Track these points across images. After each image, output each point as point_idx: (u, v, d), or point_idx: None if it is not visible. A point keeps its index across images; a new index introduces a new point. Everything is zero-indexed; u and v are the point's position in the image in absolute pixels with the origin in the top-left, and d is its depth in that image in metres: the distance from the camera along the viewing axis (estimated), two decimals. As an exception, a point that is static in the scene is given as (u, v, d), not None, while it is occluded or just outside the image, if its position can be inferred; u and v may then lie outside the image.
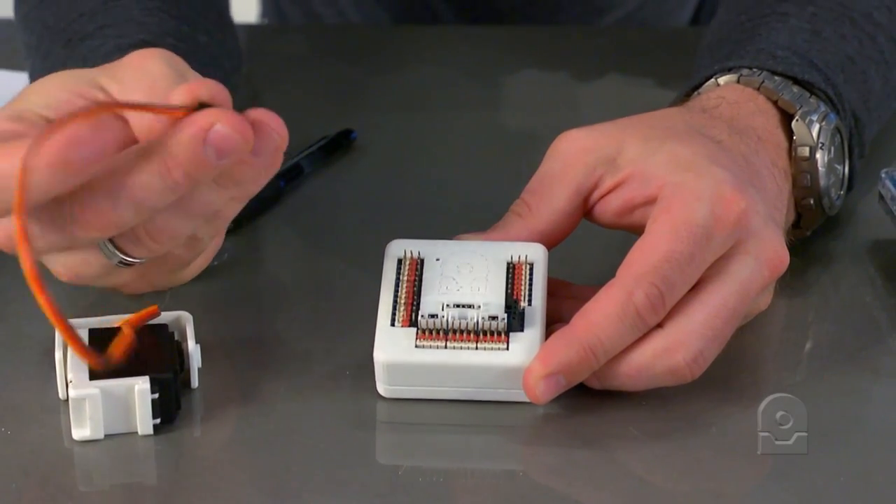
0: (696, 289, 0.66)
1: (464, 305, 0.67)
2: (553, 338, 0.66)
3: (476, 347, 0.66)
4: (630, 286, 0.65)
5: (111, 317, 0.68)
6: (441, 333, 0.67)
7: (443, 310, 0.67)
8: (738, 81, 0.78)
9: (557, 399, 0.66)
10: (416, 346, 0.66)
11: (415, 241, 0.70)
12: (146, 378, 0.65)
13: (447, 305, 0.67)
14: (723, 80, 0.78)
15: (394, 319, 0.67)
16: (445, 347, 0.66)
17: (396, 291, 0.68)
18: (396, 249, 0.70)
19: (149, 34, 0.81)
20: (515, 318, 0.67)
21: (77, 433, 0.65)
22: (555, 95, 0.99)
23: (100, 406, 0.65)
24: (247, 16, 1.26)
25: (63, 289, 0.71)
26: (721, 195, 0.67)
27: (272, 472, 0.64)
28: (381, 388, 0.68)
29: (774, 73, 0.78)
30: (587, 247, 0.75)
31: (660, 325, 0.66)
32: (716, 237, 0.66)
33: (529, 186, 0.72)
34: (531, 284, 0.68)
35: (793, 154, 0.76)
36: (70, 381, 0.65)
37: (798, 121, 0.76)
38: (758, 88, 0.77)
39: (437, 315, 0.67)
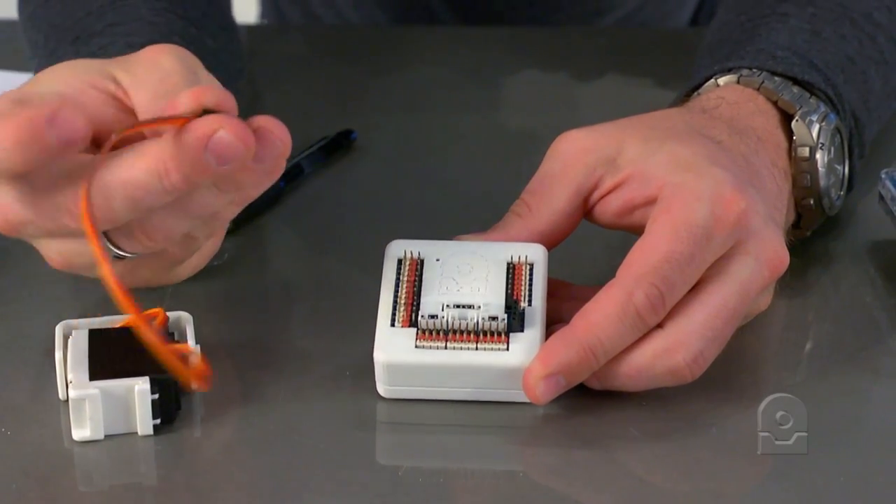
0: (696, 289, 0.66)
1: (464, 306, 0.67)
2: (553, 338, 0.66)
3: (476, 348, 0.66)
4: (630, 286, 0.65)
5: (112, 317, 0.68)
6: (441, 334, 0.66)
7: (443, 310, 0.67)
8: (738, 82, 0.78)
9: (557, 399, 0.66)
10: (416, 347, 0.66)
11: (415, 242, 0.70)
12: (146, 378, 0.65)
13: (447, 306, 0.67)
14: (723, 81, 0.78)
15: (394, 320, 0.67)
16: (445, 348, 0.66)
17: (396, 292, 0.68)
18: (396, 250, 0.70)
19: (158, 34, 0.81)
20: (515, 319, 0.67)
21: (77, 433, 0.65)
22: (555, 96, 0.99)
23: (100, 406, 0.65)
24: (246, 16, 1.26)
25: (65, 289, 0.71)
26: (721, 195, 0.67)
27: (272, 473, 0.64)
28: (382, 389, 0.68)
29: (774, 74, 0.78)
30: (587, 247, 0.75)
31: (660, 326, 0.66)
32: (716, 237, 0.66)
33: (529, 187, 0.72)
34: (531, 285, 0.68)
35: (793, 154, 0.76)
36: (70, 382, 0.65)
37: (798, 121, 0.76)
38: (758, 89, 0.77)
39: (437, 315, 0.67)
